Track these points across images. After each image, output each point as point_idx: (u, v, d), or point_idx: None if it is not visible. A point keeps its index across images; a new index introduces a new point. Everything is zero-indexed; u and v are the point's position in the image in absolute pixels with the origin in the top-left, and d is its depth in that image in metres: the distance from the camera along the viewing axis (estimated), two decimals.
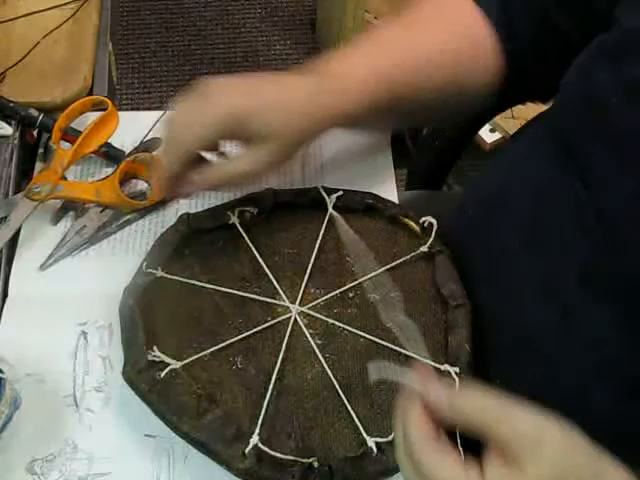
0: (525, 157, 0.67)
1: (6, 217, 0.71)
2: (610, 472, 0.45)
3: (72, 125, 0.78)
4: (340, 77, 0.64)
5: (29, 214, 0.71)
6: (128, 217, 0.75)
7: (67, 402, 0.63)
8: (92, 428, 0.62)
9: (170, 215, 0.75)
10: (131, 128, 0.81)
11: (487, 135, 1.59)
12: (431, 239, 0.69)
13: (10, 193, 0.74)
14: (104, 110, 0.76)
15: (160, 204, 0.76)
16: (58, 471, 0.60)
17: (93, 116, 0.81)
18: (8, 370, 0.59)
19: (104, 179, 0.75)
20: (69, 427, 0.62)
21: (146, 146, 0.79)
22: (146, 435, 0.62)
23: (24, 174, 0.77)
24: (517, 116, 1.49)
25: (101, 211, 0.74)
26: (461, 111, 0.75)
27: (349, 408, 0.61)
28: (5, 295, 0.69)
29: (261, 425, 0.59)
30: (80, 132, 0.78)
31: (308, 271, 0.69)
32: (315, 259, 0.70)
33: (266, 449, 0.57)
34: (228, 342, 0.64)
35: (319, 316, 0.66)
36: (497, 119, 1.50)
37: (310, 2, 2.05)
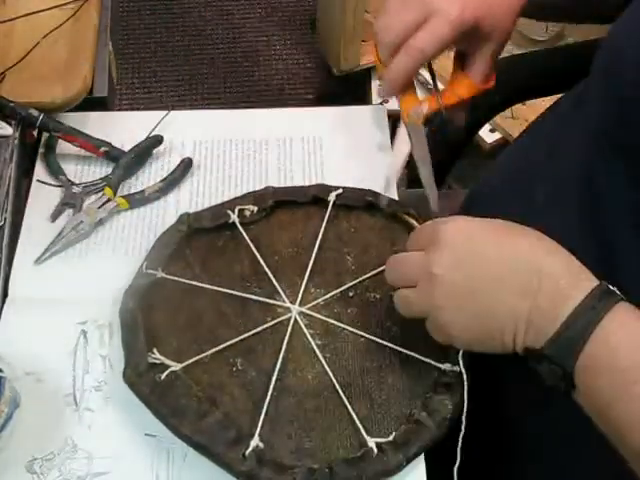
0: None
1: None
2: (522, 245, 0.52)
3: (72, 125, 0.78)
4: None
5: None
6: (126, 214, 0.75)
7: (67, 401, 0.63)
8: (91, 427, 0.62)
9: (170, 215, 0.75)
10: (131, 128, 0.81)
11: (487, 135, 1.59)
12: None
13: (10, 193, 0.74)
14: None
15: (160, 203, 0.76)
16: (57, 470, 0.60)
17: (93, 116, 0.82)
18: (8, 369, 0.59)
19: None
20: (68, 426, 0.62)
21: (147, 145, 0.79)
22: (146, 434, 0.62)
23: (24, 174, 0.77)
24: (517, 116, 1.49)
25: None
26: None
27: (349, 408, 0.61)
28: (5, 295, 0.69)
29: (261, 427, 0.59)
30: (80, 132, 0.78)
31: (308, 271, 0.69)
32: (315, 258, 0.70)
33: (266, 451, 0.57)
34: (228, 343, 0.64)
35: (319, 316, 0.66)
36: (497, 119, 1.50)
37: (310, 2, 2.04)
